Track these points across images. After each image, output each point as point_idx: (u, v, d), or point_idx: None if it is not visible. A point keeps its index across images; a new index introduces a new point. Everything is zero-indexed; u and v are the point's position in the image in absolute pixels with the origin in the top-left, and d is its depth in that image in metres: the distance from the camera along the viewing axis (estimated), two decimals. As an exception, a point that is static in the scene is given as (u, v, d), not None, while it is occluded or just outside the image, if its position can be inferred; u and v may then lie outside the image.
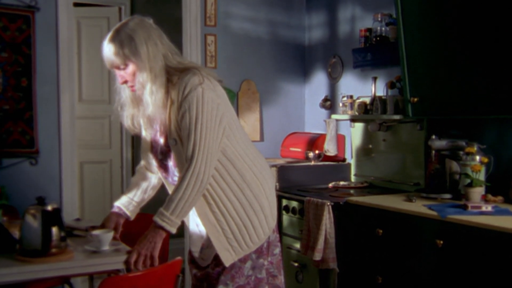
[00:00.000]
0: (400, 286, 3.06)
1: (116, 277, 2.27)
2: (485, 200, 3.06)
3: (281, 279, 2.50)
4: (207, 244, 2.36)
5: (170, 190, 2.40)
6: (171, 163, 2.35)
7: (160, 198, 2.60)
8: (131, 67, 2.23)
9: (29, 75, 3.79)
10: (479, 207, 2.81)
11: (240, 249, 2.32)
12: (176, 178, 2.35)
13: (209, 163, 2.18)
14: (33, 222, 2.22)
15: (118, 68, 2.24)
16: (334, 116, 4.20)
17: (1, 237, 2.35)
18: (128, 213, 2.50)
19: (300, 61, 4.85)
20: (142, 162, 2.56)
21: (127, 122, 2.36)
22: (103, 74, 5.57)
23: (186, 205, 2.16)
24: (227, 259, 2.29)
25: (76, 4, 4.55)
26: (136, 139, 5.70)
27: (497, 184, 3.16)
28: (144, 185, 2.56)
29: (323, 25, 4.65)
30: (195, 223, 2.45)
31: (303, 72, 4.86)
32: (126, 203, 2.51)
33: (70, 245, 2.40)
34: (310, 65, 4.81)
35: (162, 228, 2.13)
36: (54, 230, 2.24)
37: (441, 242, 2.76)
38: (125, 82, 2.27)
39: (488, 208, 2.79)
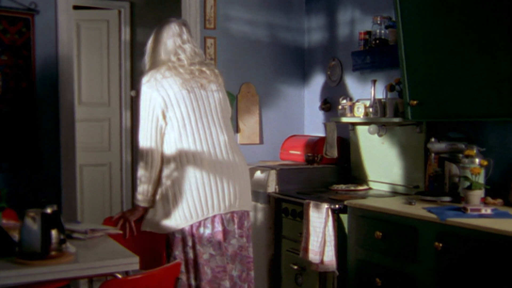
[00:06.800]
0: (399, 289, 3.06)
1: (115, 280, 2.27)
2: (485, 203, 3.06)
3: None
4: None
5: None
6: None
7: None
8: None
9: (28, 78, 3.80)
10: (479, 210, 2.80)
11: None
12: None
13: (149, 146, 2.77)
14: (33, 225, 2.21)
15: None
16: (333, 119, 4.20)
17: (1, 240, 2.35)
18: None
19: (299, 64, 4.85)
20: None
21: None
22: (102, 77, 5.57)
23: (140, 183, 2.80)
24: None
25: (76, 7, 4.55)
26: (135, 142, 5.70)
27: (496, 187, 3.16)
28: None
29: (323, 28, 4.66)
30: None
31: (303, 74, 4.86)
32: None
33: (70, 247, 2.39)
34: (310, 67, 4.81)
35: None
36: (54, 233, 2.24)
37: (441, 245, 2.76)
38: None
39: (488, 211, 2.79)
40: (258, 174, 4.09)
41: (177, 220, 2.77)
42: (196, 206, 2.76)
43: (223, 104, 2.99)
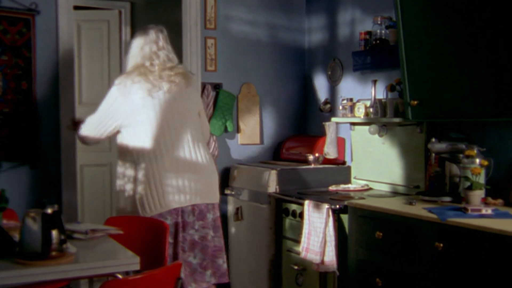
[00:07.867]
0: (400, 289, 3.06)
1: (115, 280, 2.27)
2: (485, 203, 3.06)
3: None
4: None
5: None
6: None
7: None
8: None
9: (29, 78, 3.80)
10: (479, 210, 2.80)
11: None
12: None
13: (93, 130, 3.24)
14: (33, 225, 2.21)
15: None
16: (334, 119, 4.20)
17: (1, 240, 2.35)
18: None
19: (300, 64, 4.85)
20: None
21: None
22: (103, 77, 5.56)
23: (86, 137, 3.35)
24: None
25: (76, 7, 4.55)
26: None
27: (497, 187, 3.16)
28: None
29: (323, 28, 4.66)
30: None
31: (303, 75, 4.86)
32: None
33: (70, 248, 2.39)
34: (310, 68, 4.81)
35: None
36: (54, 233, 2.24)
37: (441, 245, 2.76)
38: None
39: (488, 211, 2.79)
40: (259, 174, 4.09)
41: (140, 213, 3.08)
42: (156, 201, 3.06)
43: (190, 104, 3.27)
